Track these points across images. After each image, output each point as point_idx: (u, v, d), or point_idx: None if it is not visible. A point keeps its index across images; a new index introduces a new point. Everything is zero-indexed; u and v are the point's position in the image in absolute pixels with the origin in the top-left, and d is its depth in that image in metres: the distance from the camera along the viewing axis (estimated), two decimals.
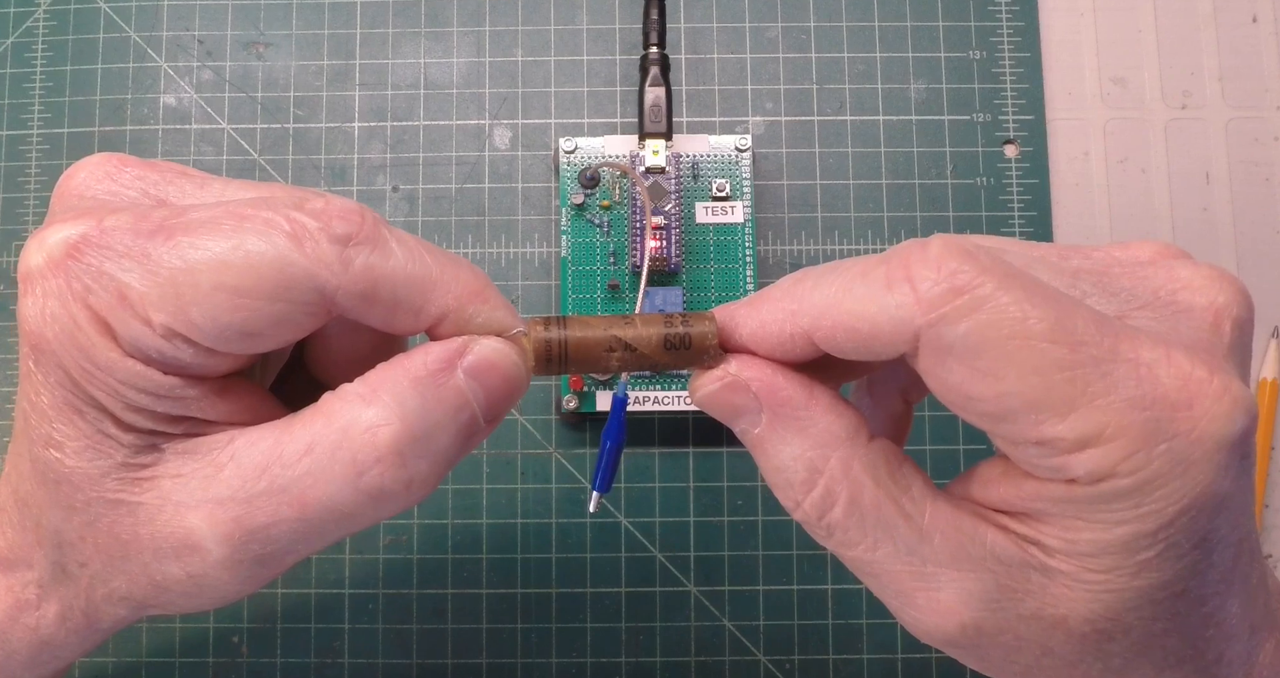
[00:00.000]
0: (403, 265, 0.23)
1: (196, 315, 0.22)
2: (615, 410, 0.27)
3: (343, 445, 0.23)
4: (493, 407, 0.24)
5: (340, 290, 0.23)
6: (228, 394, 0.24)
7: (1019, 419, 0.21)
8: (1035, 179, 0.45)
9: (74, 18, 0.46)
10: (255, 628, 0.42)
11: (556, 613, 0.43)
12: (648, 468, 0.43)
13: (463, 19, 0.46)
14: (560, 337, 0.24)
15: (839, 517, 0.23)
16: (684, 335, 0.24)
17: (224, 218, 0.23)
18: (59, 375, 0.23)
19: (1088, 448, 0.20)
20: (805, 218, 0.45)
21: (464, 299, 0.24)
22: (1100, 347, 0.20)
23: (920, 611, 0.23)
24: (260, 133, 0.46)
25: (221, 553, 0.23)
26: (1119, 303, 0.23)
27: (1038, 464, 0.21)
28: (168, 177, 0.25)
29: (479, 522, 0.43)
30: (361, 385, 0.23)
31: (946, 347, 0.21)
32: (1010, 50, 0.46)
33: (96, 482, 0.23)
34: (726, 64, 0.46)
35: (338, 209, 0.23)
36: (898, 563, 0.23)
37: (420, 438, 0.23)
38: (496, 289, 0.25)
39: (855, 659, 0.42)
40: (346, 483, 0.23)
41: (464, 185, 0.45)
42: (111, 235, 0.22)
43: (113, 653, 0.42)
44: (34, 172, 0.45)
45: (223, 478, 0.23)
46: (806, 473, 0.23)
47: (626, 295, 0.43)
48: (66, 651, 0.26)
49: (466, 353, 0.24)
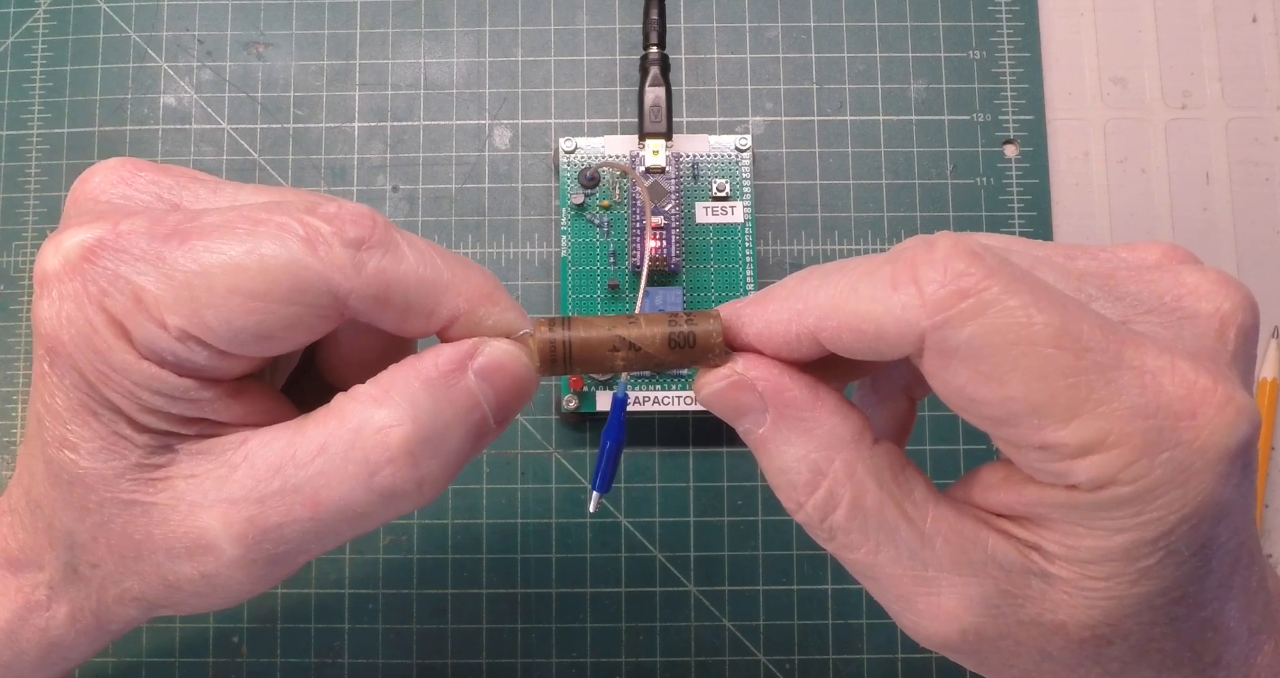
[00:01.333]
0: (415, 269, 0.23)
1: (211, 318, 0.22)
2: (615, 410, 0.27)
3: (355, 446, 0.23)
4: (503, 408, 0.24)
5: (353, 294, 0.23)
6: (241, 396, 0.24)
7: (1022, 424, 0.21)
8: (1035, 179, 0.45)
9: (74, 18, 0.46)
10: (255, 628, 0.42)
11: (556, 613, 0.42)
12: (648, 468, 0.43)
13: (463, 19, 0.46)
14: (564, 337, 0.24)
15: (841, 519, 0.23)
16: (688, 334, 0.24)
17: (238, 222, 0.23)
18: (74, 377, 0.23)
19: (1090, 455, 0.20)
20: (805, 218, 0.45)
21: (474, 302, 0.24)
22: (1105, 353, 0.20)
23: (920, 615, 0.23)
24: (260, 133, 0.46)
25: (235, 553, 0.23)
26: (1124, 307, 0.23)
27: (1040, 468, 0.21)
28: (182, 181, 0.25)
29: (479, 522, 0.43)
30: (374, 387, 0.24)
31: (951, 349, 0.21)
32: (1010, 50, 0.46)
33: (111, 482, 0.23)
34: (726, 64, 0.46)
35: (350, 213, 0.23)
36: (899, 567, 0.23)
37: (432, 438, 0.23)
38: (506, 291, 0.25)
39: (855, 659, 0.42)
40: (359, 483, 0.23)
41: (464, 185, 0.45)
42: (127, 239, 0.22)
43: (113, 653, 0.42)
44: (34, 171, 0.45)
45: (236, 478, 0.23)
46: (810, 475, 0.23)
47: (626, 295, 0.43)
48: (75, 652, 0.27)
49: (477, 355, 0.24)
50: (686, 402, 0.42)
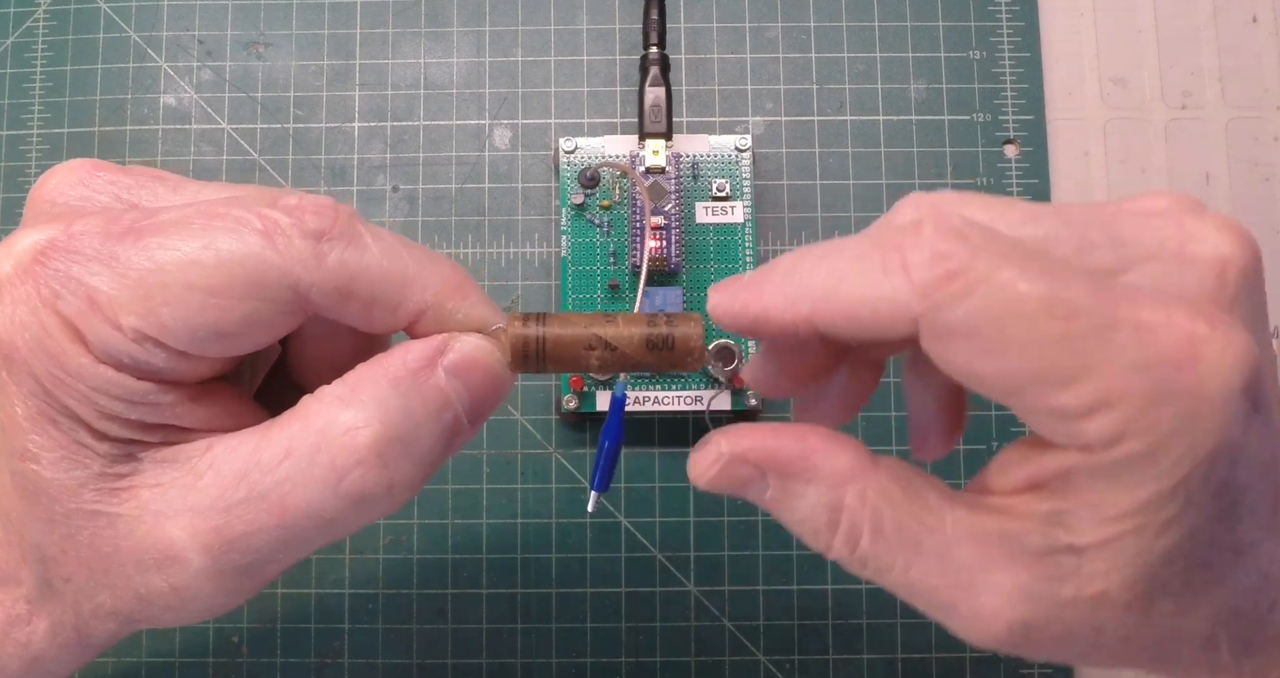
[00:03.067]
0: (378, 260, 0.23)
1: (167, 317, 0.22)
2: (614, 410, 0.27)
3: (321, 448, 0.22)
4: (476, 406, 0.24)
5: (315, 287, 0.22)
6: (205, 400, 0.24)
7: (1027, 392, 0.21)
8: (1035, 179, 0.45)
9: (74, 18, 0.46)
10: (255, 628, 0.42)
11: (556, 613, 0.42)
12: (648, 468, 0.43)
13: (463, 19, 0.46)
14: (538, 333, 0.24)
15: (868, 546, 0.23)
16: (667, 336, 0.24)
17: (194, 217, 0.22)
18: (31, 385, 0.22)
19: (1095, 415, 0.20)
20: (805, 218, 0.45)
21: (442, 295, 0.23)
22: (1098, 314, 0.20)
23: (965, 619, 0.23)
24: (260, 133, 0.46)
25: (202, 563, 0.23)
26: (1126, 253, 0.23)
27: (1055, 430, 0.21)
28: (141, 180, 0.25)
29: (479, 522, 0.43)
30: (340, 386, 0.23)
31: (946, 331, 0.21)
32: (1010, 50, 0.46)
33: (74, 493, 0.23)
34: (726, 64, 0.46)
35: (311, 205, 0.23)
36: (933, 578, 0.23)
37: (402, 439, 0.23)
38: (476, 284, 0.24)
39: (855, 659, 0.42)
40: (327, 487, 0.22)
41: (464, 185, 0.45)
42: (80, 239, 0.22)
43: (112, 653, 0.42)
44: (34, 171, 0.45)
45: (201, 487, 0.23)
46: (828, 516, 0.23)
47: (626, 295, 0.43)
48: (59, 667, 0.26)
49: (447, 351, 0.23)
50: (686, 402, 0.42)
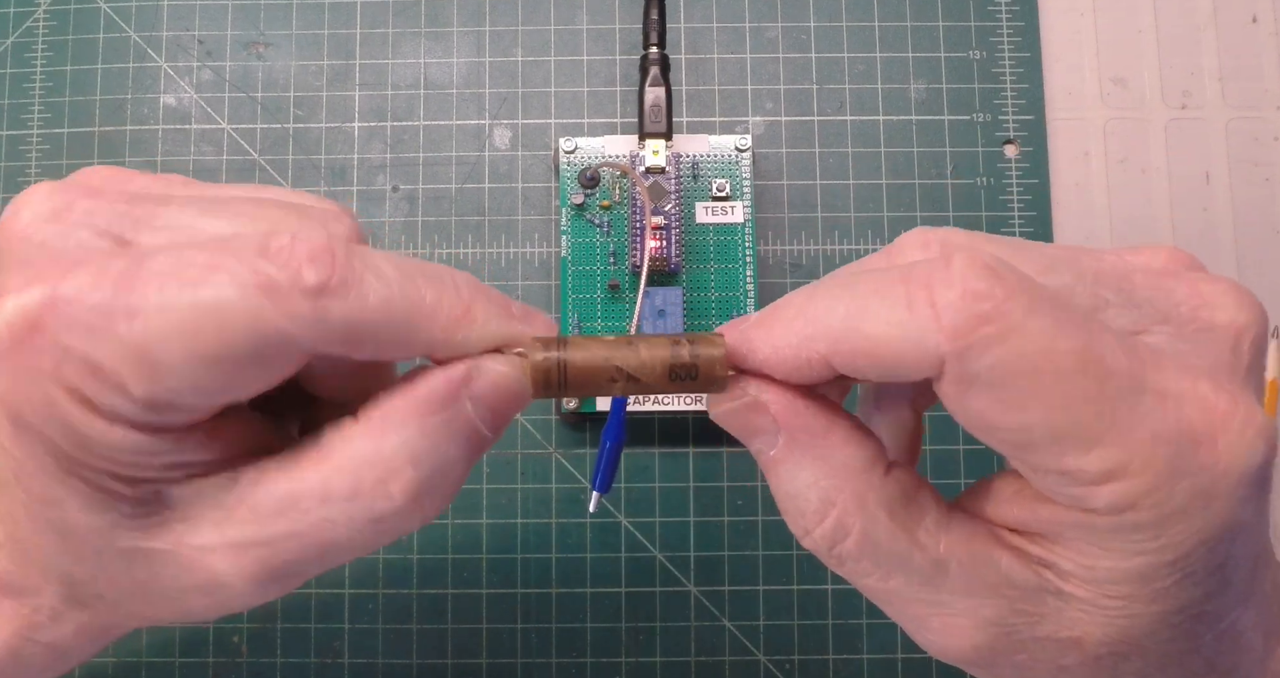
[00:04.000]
0: (384, 304, 0.22)
1: (174, 384, 0.21)
2: (615, 410, 0.27)
3: (357, 497, 0.22)
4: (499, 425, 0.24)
5: (318, 343, 0.22)
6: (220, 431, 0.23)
7: (1041, 450, 0.20)
8: (1035, 179, 0.45)
9: (74, 18, 0.46)
10: (255, 628, 0.42)
11: (556, 613, 0.42)
12: (648, 468, 0.43)
13: (463, 19, 0.46)
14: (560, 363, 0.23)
15: (851, 549, 0.23)
16: (691, 365, 0.23)
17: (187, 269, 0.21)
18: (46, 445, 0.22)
19: (1111, 482, 0.20)
20: (805, 218, 0.45)
21: (450, 329, 0.23)
22: (1128, 377, 0.20)
23: (934, 633, 0.23)
24: (260, 133, 0.46)
25: (247, 588, 0.23)
26: (1140, 315, 0.22)
27: (1058, 491, 0.21)
28: (118, 207, 0.23)
29: (479, 522, 0.43)
30: (365, 426, 0.23)
31: (971, 376, 0.20)
32: (1010, 50, 0.46)
33: (106, 533, 0.22)
34: (726, 64, 0.46)
35: (306, 252, 0.21)
36: (911, 591, 0.23)
37: (434, 478, 0.22)
38: (485, 297, 0.23)
39: (855, 659, 0.42)
40: (365, 526, 0.22)
41: (464, 185, 0.45)
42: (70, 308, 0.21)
43: (113, 653, 0.42)
44: (34, 171, 0.45)
45: (237, 520, 0.22)
46: (819, 503, 0.23)
47: (626, 295, 0.43)
48: (80, 654, 0.26)
49: (472, 380, 0.23)
50: (686, 402, 0.42)
